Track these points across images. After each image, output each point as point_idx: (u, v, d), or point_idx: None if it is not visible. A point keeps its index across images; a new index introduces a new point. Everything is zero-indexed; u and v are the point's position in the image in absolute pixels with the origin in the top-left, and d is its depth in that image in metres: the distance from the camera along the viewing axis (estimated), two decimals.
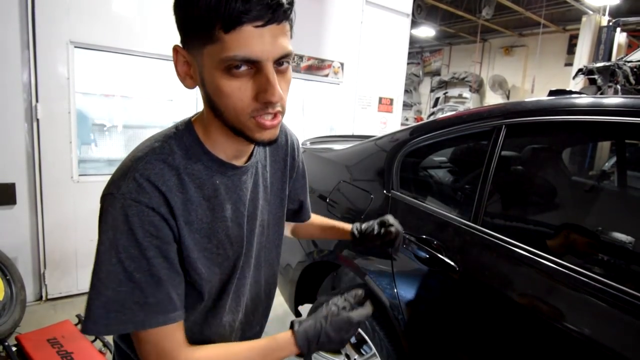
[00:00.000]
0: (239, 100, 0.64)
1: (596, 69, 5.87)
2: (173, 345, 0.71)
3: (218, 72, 0.62)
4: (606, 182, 2.08)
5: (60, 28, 2.84)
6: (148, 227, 0.67)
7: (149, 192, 0.67)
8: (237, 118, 0.66)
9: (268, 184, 0.90)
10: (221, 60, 0.60)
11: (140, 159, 0.70)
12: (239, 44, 0.59)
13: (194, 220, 0.73)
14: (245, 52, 0.59)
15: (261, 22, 0.59)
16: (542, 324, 1.16)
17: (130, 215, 0.66)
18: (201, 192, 0.74)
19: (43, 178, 2.92)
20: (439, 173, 2.00)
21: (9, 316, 2.53)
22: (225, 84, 0.62)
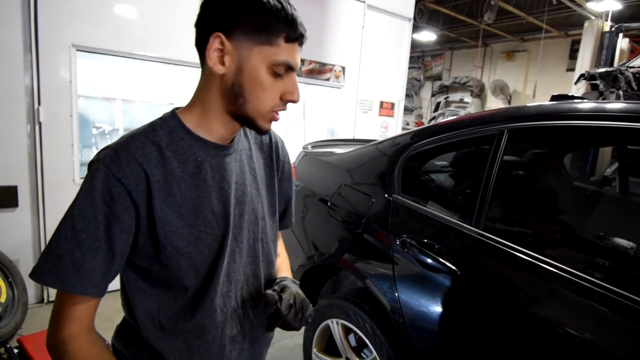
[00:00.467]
0: (270, 94, 0.76)
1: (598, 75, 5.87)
2: (71, 314, 0.74)
3: (264, 68, 0.74)
4: (607, 188, 2.08)
5: (62, 32, 2.86)
6: (106, 194, 0.71)
7: (122, 162, 0.72)
8: (259, 107, 0.77)
9: (257, 175, 0.92)
10: (273, 60, 0.74)
11: (126, 136, 0.77)
12: (290, 54, 0.75)
13: (177, 193, 0.77)
14: (292, 61, 0.76)
15: (300, 44, 0.78)
16: (543, 328, 1.16)
17: (96, 177, 0.71)
18: (184, 168, 0.78)
19: (45, 181, 2.93)
20: (441, 177, 2.00)
21: (11, 318, 2.53)
22: (267, 79, 0.75)
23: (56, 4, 2.80)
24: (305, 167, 2.36)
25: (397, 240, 1.63)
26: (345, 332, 1.90)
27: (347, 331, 1.89)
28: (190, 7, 3.39)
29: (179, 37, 3.38)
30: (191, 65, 3.57)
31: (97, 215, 0.71)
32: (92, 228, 0.71)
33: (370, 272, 1.73)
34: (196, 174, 0.79)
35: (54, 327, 0.75)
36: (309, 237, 2.14)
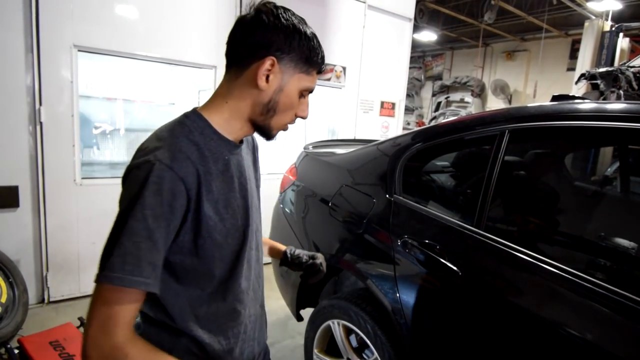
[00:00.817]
0: (293, 112, 0.92)
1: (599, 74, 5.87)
2: (123, 317, 0.72)
3: (297, 90, 0.89)
4: (609, 188, 2.08)
5: (64, 32, 2.86)
6: (170, 194, 0.75)
7: (180, 161, 0.77)
8: (282, 121, 0.91)
9: (252, 172, 1.02)
10: (306, 87, 0.90)
11: (167, 137, 0.81)
12: (314, 81, 0.92)
13: (214, 190, 0.83)
14: (314, 87, 0.93)
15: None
16: (544, 328, 1.16)
17: (162, 177, 0.74)
18: (216, 166, 0.85)
19: (46, 181, 2.93)
20: (442, 178, 2.00)
21: (12, 319, 2.53)
22: (296, 100, 0.90)
23: (57, 4, 2.81)
24: (306, 167, 2.36)
25: (398, 241, 1.63)
26: (346, 333, 1.90)
27: (348, 332, 1.89)
28: (191, 8, 3.40)
29: (180, 38, 3.39)
30: (192, 66, 3.57)
31: (164, 214, 0.74)
32: (162, 227, 0.75)
33: (371, 272, 1.73)
34: (225, 172, 0.87)
35: (104, 334, 0.71)
36: (310, 237, 2.14)
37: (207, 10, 3.50)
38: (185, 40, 3.43)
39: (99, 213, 3.13)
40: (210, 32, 3.55)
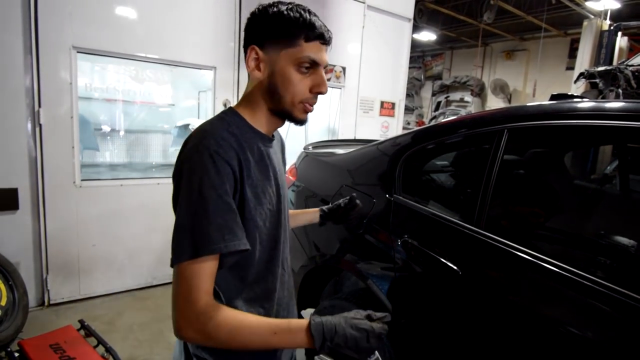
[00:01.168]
0: (299, 88, 0.91)
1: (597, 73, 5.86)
2: (203, 286, 0.82)
3: (291, 67, 0.90)
4: (608, 186, 2.08)
5: (63, 33, 2.86)
6: (224, 176, 0.84)
7: (225, 147, 0.86)
8: (292, 101, 0.92)
9: (282, 166, 1.12)
10: (297, 59, 0.89)
11: (210, 129, 0.90)
12: (312, 50, 0.90)
13: (252, 176, 0.91)
14: (315, 56, 0.91)
15: (324, 42, 0.93)
16: (545, 327, 1.16)
17: (216, 161, 0.84)
18: (253, 155, 0.93)
19: (45, 183, 2.93)
20: (442, 177, 2.00)
21: (12, 322, 2.53)
22: (294, 75, 0.91)
23: (56, 6, 2.81)
24: (306, 167, 2.36)
25: (399, 241, 1.63)
26: None
27: None
28: (190, 8, 3.40)
29: (179, 39, 3.39)
30: (191, 67, 3.57)
31: (227, 190, 0.85)
32: (231, 200, 0.85)
33: (371, 272, 1.73)
34: (260, 161, 0.95)
35: (189, 304, 0.81)
36: (310, 238, 2.13)
37: (206, 11, 3.50)
38: (185, 41, 3.43)
39: (99, 215, 3.13)
40: (209, 33, 3.55)
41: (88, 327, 2.56)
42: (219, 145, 0.86)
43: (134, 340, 2.72)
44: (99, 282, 3.28)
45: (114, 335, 2.73)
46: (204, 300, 0.81)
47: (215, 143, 0.86)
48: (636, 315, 1.00)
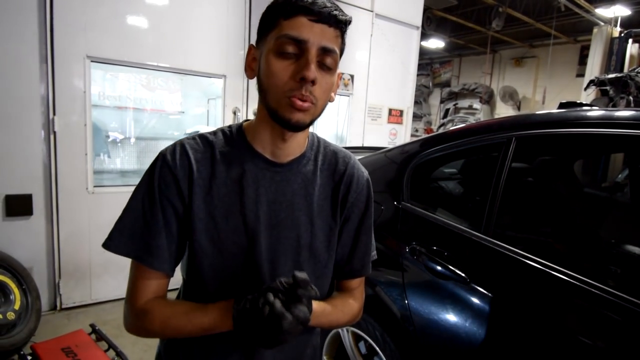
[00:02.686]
0: (280, 79, 0.73)
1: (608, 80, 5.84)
2: (145, 289, 0.80)
3: (272, 53, 0.74)
4: (619, 194, 2.07)
5: (77, 43, 2.92)
6: (162, 183, 0.79)
7: (177, 155, 0.80)
8: (276, 96, 0.75)
9: (313, 202, 0.87)
10: (276, 40, 0.74)
11: (192, 135, 0.85)
12: (292, 27, 0.72)
13: (215, 194, 0.80)
14: (295, 33, 0.72)
15: (314, 17, 0.72)
16: (555, 336, 1.16)
17: (156, 166, 0.80)
18: (228, 173, 0.82)
19: (59, 189, 2.98)
20: (450, 185, 2.00)
21: (25, 325, 2.57)
22: (274, 63, 0.74)
23: (71, 16, 2.87)
24: None
25: (407, 248, 1.64)
26: (355, 340, 1.90)
27: (357, 339, 1.89)
28: (200, 18, 3.45)
29: (189, 48, 3.44)
30: (201, 75, 3.62)
31: (157, 198, 0.79)
32: (155, 210, 0.79)
33: (380, 279, 1.73)
34: (237, 181, 0.82)
35: (129, 304, 0.81)
36: None
37: (217, 20, 3.55)
38: (196, 50, 3.48)
39: (111, 221, 3.11)
40: (220, 42, 3.60)
41: (99, 331, 2.60)
42: (173, 152, 0.80)
43: (144, 345, 2.75)
44: (109, 287, 3.31)
45: (124, 339, 2.75)
46: (145, 300, 0.80)
47: (172, 149, 0.81)
48: None
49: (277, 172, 0.84)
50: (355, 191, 0.92)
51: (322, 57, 0.74)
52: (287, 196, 0.84)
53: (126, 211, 0.81)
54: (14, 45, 2.71)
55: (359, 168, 0.95)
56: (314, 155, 0.90)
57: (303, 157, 0.87)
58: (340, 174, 0.91)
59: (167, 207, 0.79)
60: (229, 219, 0.80)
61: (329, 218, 0.89)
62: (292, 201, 0.85)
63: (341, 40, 0.78)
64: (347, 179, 0.91)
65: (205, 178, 0.80)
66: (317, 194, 0.88)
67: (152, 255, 0.78)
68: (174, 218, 0.80)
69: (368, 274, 0.98)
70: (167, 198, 0.79)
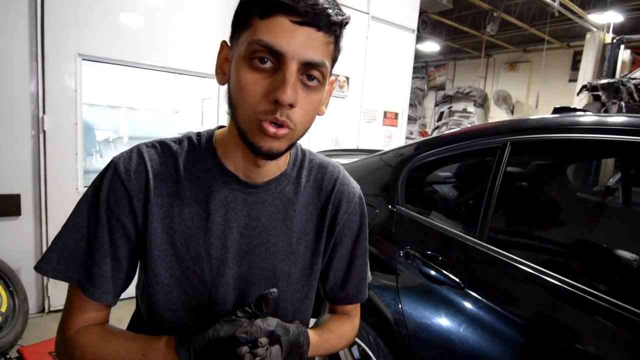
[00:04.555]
0: (251, 95, 0.59)
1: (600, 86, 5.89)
2: (78, 318, 0.69)
3: (242, 61, 0.59)
4: (611, 199, 2.07)
5: (68, 41, 2.88)
6: (111, 197, 0.67)
7: (133, 166, 0.67)
8: (245, 116, 0.61)
9: (293, 226, 0.76)
10: (248, 45, 0.58)
11: (151, 141, 0.72)
12: (267, 31, 0.56)
13: (176, 217, 0.68)
14: (271, 40, 0.56)
15: (298, 19, 0.56)
16: (547, 342, 1.15)
17: (105, 177, 0.67)
18: (194, 192, 0.69)
19: (48, 189, 2.94)
20: (444, 188, 1.99)
21: (11, 328, 2.52)
22: (245, 75, 0.59)
23: (63, 13, 2.83)
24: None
25: (401, 252, 1.63)
26: None
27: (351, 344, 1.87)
28: (195, 17, 3.43)
29: (184, 47, 3.41)
30: (195, 75, 3.59)
31: (104, 217, 0.66)
32: (100, 231, 0.66)
33: (373, 283, 1.72)
34: (203, 203, 0.69)
35: (60, 330, 0.70)
36: None
37: (211, 20, 3.53)
38: (190, 50, 3.46)
39: None
40: (214, 42, 3.57)
41: None
42: (128, 161, 0.68)
43: None
44: None
45: None
46: (76, 329, 0.68)
47: (126, 157, 0.68)
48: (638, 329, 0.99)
49: (251, 193, 0.72)
50: (346, 211, 0.81)
51: (306, 72, 0.60)
52: (262, 220, 0.73)
53: (67, 229, 0.67)
54: (3, 41, 2.67)
55: (350, 183, 0.85)
56: (297, 172, 0.78)
57: (283, 176, 0.76)
58: (328, 193, 0.80)
59: (115, 228, 0.67)
60: (190, 247, 0.69)
61: (312, 243, 0.79)
62: (267, 226, 0.73)
63: (334, 46, 0.63)
64: (336, 197, 0.81)
65: (165, 196, 0.68)
66: (299, 216, 0.77)
67: (94, 284, 0.66)
68: (122, 240, 0.68)
69: (364, 299, 0.90)
70: (117, 217, 0.66)
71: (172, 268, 0.69)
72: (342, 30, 0.62)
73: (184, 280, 0.69)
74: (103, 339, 0.67)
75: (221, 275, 0.70)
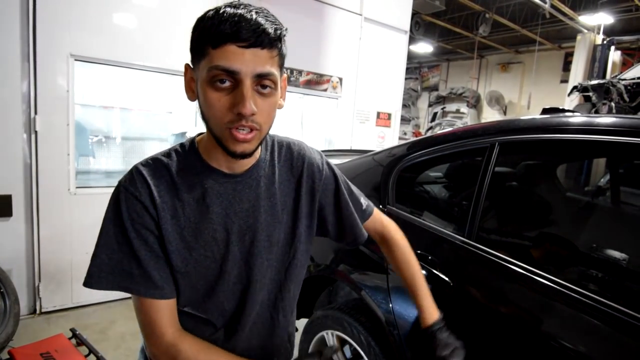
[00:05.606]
0: (217, 110, 0.72)
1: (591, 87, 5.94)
2: (162, 320, 0.80)
3: (206, 84, 0.72)
4: (600, 199, 2.10)
5: (61, 41, 2.87)
6: (132, 212, 0.78)
7: (138, 184, 0.79)
8: (217, 127, 0.74)
9: (278, 202, 0.91)
10: (207, 71, 0.70)
11: (145, 160, 0.84)
12: (221, 57, 0.69)
13: (181, 216, 0.81)
14: (225, 64, 0.69)
15: (244, 44, 0.69)
16: (535, 340, 1.16)
17: (121, 200, 0.79)
18: (190, 193, 0.82)
19: (40, 190, 2.92)
20: (435, 188, 2.01)
21: (2, 330, 2.51)
22: (210, 95, 0.72)
23: (55, 13, 2.82)
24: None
25: None
26: (340, 344, 1.89)
27: (342, 343, 1.89)
28: (187, 18, 3.42)
29: (177, 47, 3.41)
30: None
31: (127, 232, 0.78)
32: (131, 240, 0.78)
33: (365, 283, 1.73)
34: (201, 200, 0.82)
35: (155, 337, 0.80)
36: None
37: None
38: (183, 50, 3.44)
39: (94, 222, 3.10)
40: None
41: (79, 335, 2.54)
42: (132, 181, 0.80)
43: (126, 350, 2.70)
44: (91, 290, 3.25)
45: (105, 344, 2.71)
46: (170, 332, 0.80)
47: (129, 178, 0.80)
48: (627, 329, 1.01)
49: (237, 182, 0.85)
50: (320, 179, 0.98)
51: (259, 82, 0.72)
52: (252, 202, 0.87)
53: (99, 248, 0.79)
54: None
55: (313, 153, 1.00)
56: (270, 155, 0.92)
57: (261, 161, 0.89)
58: (299, 168, 0.95)
59: (146, 235, 0.79)
60: (198, 237, 0.82)
61: (292, 212, 0.94)
62: (257, 205, 0.88)
63: (279, 54, 0.74)
64: (308, 170, 0.96)
65: (168, 202, 0.80)
66: (279, 192, 0.91)
67: (138, 282, 0.78)
68: (154, 240, 0.80)
69: (364, 238, 1.09)
70: (144, 226, 0.78)
71: (186, 258, 0.82)
72: (282, 41, 0.74)
73: (198, 264, 0.83)
74: (203, 348, 0.81)
75: (228, 251, 0.85)
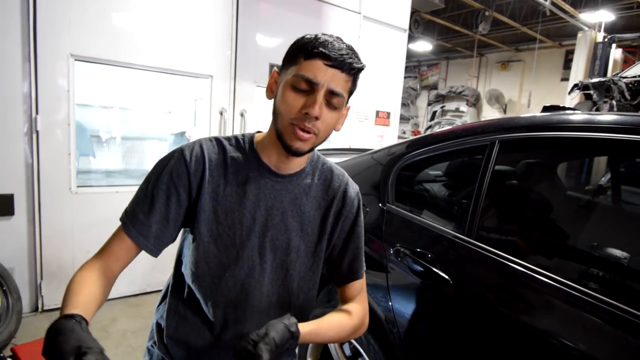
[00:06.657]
0: (290, 106, 0.85)
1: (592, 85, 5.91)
2: (111, 248, 0.90)
3: (288, 85, 0.86)
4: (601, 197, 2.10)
5: (61, 41, 2.88)
6: (174, 171, 0.90)
7: (194, 152, 0.92)
8: (283, 121, 0.87)
9: (305, 212, 1.00)
10: (293, 75, 0.85)
11: (210, 137, 0.97)
12: (309, 69, 0.84)
13: (220, 192, 0.93)
14: (310, 75, 0.83)
15: (329, 63, 0.84)
16: (535, 338, 1.17)
17: (173, 157, 0.92)
18: (235, 177, 0.94)
19: (41, 189, 2.93)
20: (434, 187, 2.02)
21: (5, 327, 2.52)
22: (288, 93, 0.86)
23: (55, 14, 2.83)
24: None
25: (391, 250, 1.65)
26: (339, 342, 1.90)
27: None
28: (187, 18, 3.43)
29: (176, 47, 3.41)
30: (188, 75, 3.60)
31: (162, 184, 0.90)
32: (158, 193, 0.89)
33: None
34: (242, 185, 0.94)
35: (93, 257, 0.91)
36: None
37: (203, 20, 3.53)
38: (182, 50, 3.46)
39: (95, 221, 3.14)
40: (207, 42, 3.58)
41: None
42: (192, 150, 0.92)
43: (127, 347, 2.71)
44: None
45: (107, 341, 2.72)
46: (93, 261, 0.89)
47: (191, 147, 0.93)
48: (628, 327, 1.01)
49: (278, 181, 0.96)
50: (349, 204, 1.05)
51: (329, 97, 0.85)
52: (284, 203, 0.97)
53: (141, 187, 0.93)
54: None
55: (352, 184, 1.09)
56: (312, 170, 1.02)
57: (303, 171, 1.00)
58: (335, 190, 1.04)
59: (172, 194, 0.90)
60: (228, 215, 0.92)
61: (318, 227, 1.02)
62: (287, 208, 0.97)
63: (352, 83, 0.89)
64: (341, 194, 1.04)
65: (216, 177, 0.92)
66: (310, 205, 1.01)
67: (140, 229, 0.88)
68: (175, 206, 0.90)
69: (359, 278, 1.09)
70: (175, 186, 0.90)
71: (211, 229, 0.92)
72: (358, 74, 0.90)
73: (219, 239, 0.93)
74: (81, 277, 0.88)
75: (248, 239, 0.94)
